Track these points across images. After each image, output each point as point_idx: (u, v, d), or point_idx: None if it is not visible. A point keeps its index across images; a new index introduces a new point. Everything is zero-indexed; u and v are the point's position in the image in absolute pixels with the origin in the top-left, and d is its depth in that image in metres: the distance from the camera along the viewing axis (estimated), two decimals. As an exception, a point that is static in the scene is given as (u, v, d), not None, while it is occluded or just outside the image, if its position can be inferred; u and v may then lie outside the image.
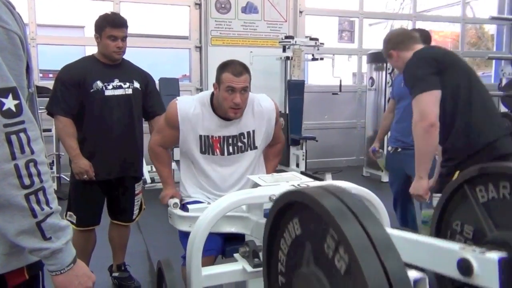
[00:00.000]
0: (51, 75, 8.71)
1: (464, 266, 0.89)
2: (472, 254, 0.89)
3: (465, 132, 2.14)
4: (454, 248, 0.93)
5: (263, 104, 2.10)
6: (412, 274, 0.84)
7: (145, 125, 2.66)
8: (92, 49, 2.94)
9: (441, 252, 0.95)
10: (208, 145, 2.03)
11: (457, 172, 2.14)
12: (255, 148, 2.09)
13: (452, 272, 0.92)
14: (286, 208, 0.87)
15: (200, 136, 2.02)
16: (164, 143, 2.14)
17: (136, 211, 2.67)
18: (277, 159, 2.32)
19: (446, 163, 2.17)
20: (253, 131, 2.07)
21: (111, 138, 2.45)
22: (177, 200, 1.93)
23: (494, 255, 0.87)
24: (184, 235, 1.99)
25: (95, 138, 2.44)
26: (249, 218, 1.55)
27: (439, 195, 2.16)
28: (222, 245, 1.91)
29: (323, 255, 0.76)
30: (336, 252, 0.72)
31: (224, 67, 1.97)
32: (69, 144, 2.41)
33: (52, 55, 7.04)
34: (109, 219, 2.66)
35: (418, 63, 2.13)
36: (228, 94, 1.93)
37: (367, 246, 0.67)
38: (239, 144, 2.06)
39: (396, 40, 2.34)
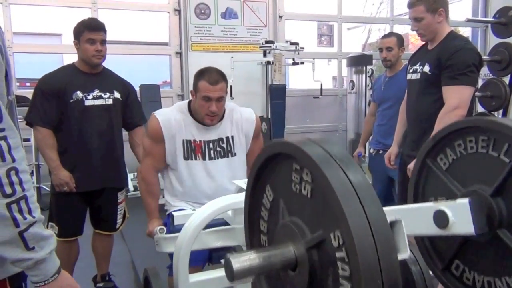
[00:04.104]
0: (28, 84, 8.56)
1: (440, 217, 0.93)
2: (445, 204, 0.94)
3: None
4: (429, 205, 0.98)
5: (244, 115, 2.14)
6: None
7: (125, 132, 2.63)
8: (70, 57, 2.91)
9: (418, 212, 0.99)
10: (190, 150, 2.04)
11: None
12: (234, 155, 2.11)
13: (430, 228, 0.95)
14: (257, 179, 0.92)
15: (183, 140, 2.03)
16: (158, 163, 2.09)
17: (119, 220, 2.63)
18: None
19: None
20: (232, 137, 2.10)
21: (91, 149, 2.42)
22: (162, 226, 1.87)
23: (465, 200, 0.94)
24: None
25: (75, 149, 2.40)
26: (236, 228, 1.54)
27: None
28: (209, 255, 1.91)
29: (293, 198, 0.79)
30: (301, 181, 0.76)
31: (201, 75, 1.99)
32: (48, 156, 2.37)
33: (29, 64, 6.92)
34: (92, 229, 2.62)
35: (474, 54, 2.14)
36: (205, 102, 1.97)
37: (328, 159, 0.71)
38: (218, 149, 2.08)
39: (448, 5, 2.23)
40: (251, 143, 2.16)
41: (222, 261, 1.44)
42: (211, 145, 2.07)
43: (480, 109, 3.46)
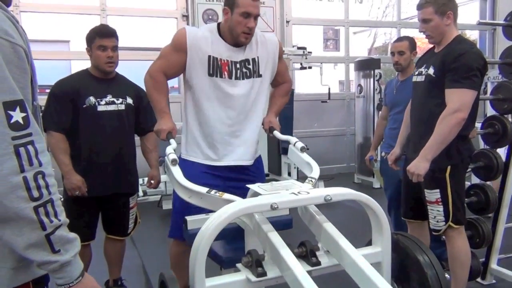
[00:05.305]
0: (37, 90, 8.59)
1: None
2: None
3: (467, 139, 2.28)
4: None
5: (267, 36, 2.15)
6: None
7: (137, 137, 2.64)
8: (78, 63, 2.92)
9: None
10: (216, 67, 2.02)
11: (449, 168, 2.22)
12: (260, 76, 2.10)
13: None
14: None
15: (209, 56, 2.01)
16: (168, 69, 2.08)
17: (131, 225, 2.63)
18: (284, 99, 2.31)
19: (439, 158, 2.21)
20: (257, 58, 2.08)
21: (103, 154, 2.43)
22: (175, 156, 1.78)
23: None
24: (177, 208, 2.06)
25: (87, 154, 2.42)
26: (253, 214, 1.53)
27: (436, 191, 2.23)
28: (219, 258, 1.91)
29: None
30: None
31: None
32: (61, 160, 2.38)
33: (37, 70, 6.96)
34: (104, 234, 2.63)
35: (479, 58, 2.15)
36: (243, 19, 1.95)
37: None
38: (244, 70, 2.06)
39: (457, 9, 2.24)
40: (277, 64, 2.17)
41: (238, 265, 1.45)
42: (237, 65, 2.05)
43: (490, 111, 3.44)
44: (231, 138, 2.10)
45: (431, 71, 2.24)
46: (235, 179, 2.09)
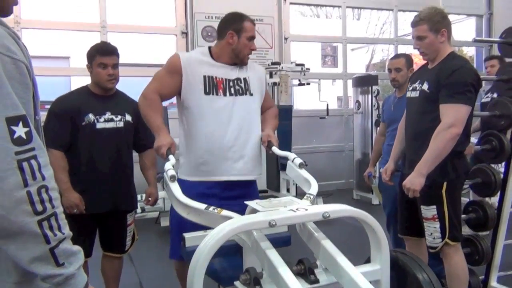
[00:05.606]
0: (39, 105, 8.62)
1: None
2: None
3: (463, 155, 2.29)
4: None
5: (253, 63, 2.31)
6: None
7: (135, 154, 2.64)
8: (78, 80, 2.93)
9: None
10: (212, 85, 2.11)
11: (445, 184, 2.23)
12: (251, 94, 2.19)
13: None
14: None
15: (205, 76, 2.11)
16: (162, 90, 2.12)
17: (128, 242, 2.61)
18: (275, 121, 2.36)
19: (435, 174, 2.21)
20: (248, 78, 2.20)
21: (101, 172, 2.42)
22: (174, 172, 1.78)
23: None
24: (175, 227, 2.10)
25: (85, 172, 2.41)
26: (252, 231, 1.52)
27: (433, 207, 2.24)
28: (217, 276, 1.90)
29: None
30: None
31: (241, 17, 2.16)
32: (60, 178, 2.36)
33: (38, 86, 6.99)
34: (101, 251, 2.61)
35: (473, 74, 2.19)
36: (248, 42, 2.14)
37: None
38: (237, 87, 2.16)
39: (450, 26, 2.29)
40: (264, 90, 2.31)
41: (236, 283, 1.44)
42: (231, 83, 2.15)
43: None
44: (230, 153, 2.12)
45: (425, 86, 2.27)
46: (231, 197, 2.08)
